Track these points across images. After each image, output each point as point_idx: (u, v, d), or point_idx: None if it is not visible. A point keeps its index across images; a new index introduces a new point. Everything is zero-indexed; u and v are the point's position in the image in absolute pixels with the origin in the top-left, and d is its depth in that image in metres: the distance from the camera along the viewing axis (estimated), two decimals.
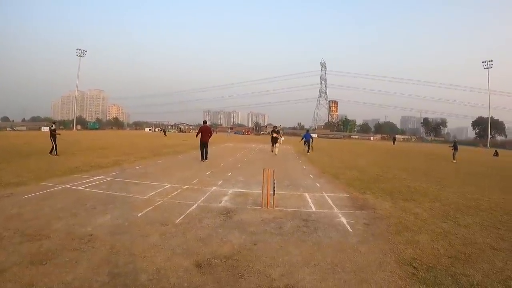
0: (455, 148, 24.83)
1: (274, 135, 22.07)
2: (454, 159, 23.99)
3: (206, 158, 16.52)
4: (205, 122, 19.51)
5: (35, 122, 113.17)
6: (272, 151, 22.24)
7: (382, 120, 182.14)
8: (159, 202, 7.37)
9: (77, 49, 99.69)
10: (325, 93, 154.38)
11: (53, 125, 18.92)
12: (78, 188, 8.74)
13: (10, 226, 5.43)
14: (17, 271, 3.83)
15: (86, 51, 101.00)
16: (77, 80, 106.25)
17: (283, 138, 22.42)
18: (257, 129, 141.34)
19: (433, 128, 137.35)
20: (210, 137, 17.37)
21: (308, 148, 25.01)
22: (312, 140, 26.00)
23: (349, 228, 5.96)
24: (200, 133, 17.04)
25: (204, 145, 16.76)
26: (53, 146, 17.27)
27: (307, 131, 29.77)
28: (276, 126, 24.65)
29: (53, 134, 17.59)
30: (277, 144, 21.67)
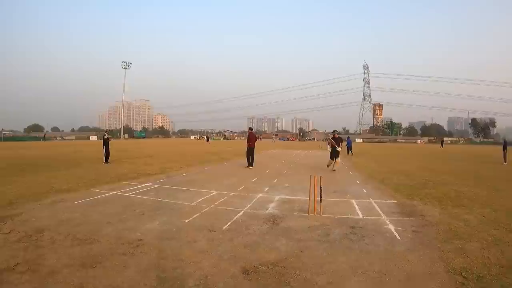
0: (505, 149, 23.35)
1: (338, 148, 15.96)
2: (505, 161, 22.48)
3: (252, 165, 16.56)
4: (251, 128, 19.61)
5: (84, 131, 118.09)
6: (328, 166, 16.47)
7: (428, 122, 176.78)
8: (206, 209, 7.45)
9: (122, 62, 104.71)
10: (369, 96, 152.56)
11: (106, 134, 19.73)
12: (127, 194, 9.03)
13: (62, 230, 5.69)
14: (67, 273, 3.99)
15: (131, 63, 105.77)
16: (123, 91, 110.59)
17: (339, 148, 16.17)
18: (302, 135, 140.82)
19: (481, 128, 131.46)
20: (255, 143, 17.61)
21: (348, 151, 27.43)
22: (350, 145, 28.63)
23: (397, 235, 5.76)
24: (248, 140, 17.41)
25: (250, 152, 16.96)
26: (105, 154, 18.04)
27: (348, 137, 32.03)
28: (337, 130, 17.91)
29: (106, 143, 18.39)
30: (338, 159, 16.03)
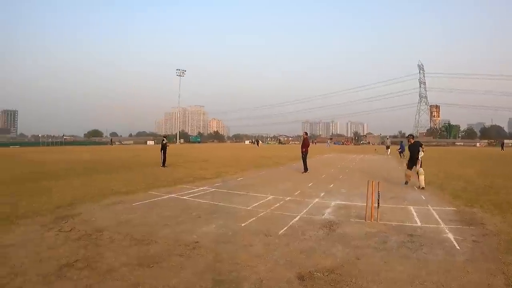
0: None
1: (418, 155, 12.18)
2: None
3: (306, 170, 16.28)
4: (306, 133, 19.59)
5: (141, 137, 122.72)
6: (407, 181, 12.65)
7: (487, 123, 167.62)
8: (262, 213, 7.44)
9: (177, 69, 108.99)
10: (425, 97, 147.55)
11: (164, 139, 20.36)
12: (184, 198, 9.23)
13: (120, 230, 5.91)
14: (125, 272, 4.12)
15: (185, 71, 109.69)
16: (178, 98, 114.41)
17: (422, 154, 12.46)
18: (357, 138, 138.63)
19: None
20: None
21: (400, 155, 28.49)
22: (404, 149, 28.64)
23: (456, 245, 5.46)
24: (302, 146, 17.25)
25: (305, 156, 16.91)
26: (162, 158, 18.61)
27: (401, 142, 32.30)
28: (412, 135, 14.14)
29: (164, 147, 19.00)
30: (419, 168, 12.04)
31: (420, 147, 12.31)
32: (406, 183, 12.56)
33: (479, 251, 5.18)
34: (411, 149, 12.65)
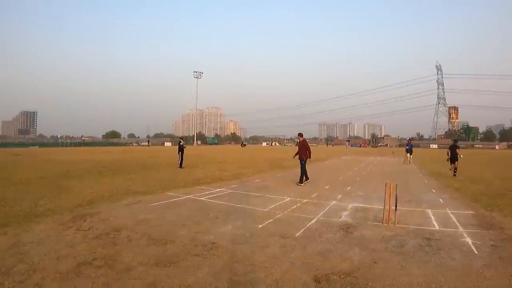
0: None
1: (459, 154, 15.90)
2: None
3: (301, 181, 12.92)
4: (301, 134, 14.52)
5: (158, 138, 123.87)
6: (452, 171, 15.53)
7: (507, 125, 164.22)
8: (279, 215, 7.44)
9: (194, 72, 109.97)
10: (444, 98, 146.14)
11: (181, 140, 20.62)
12: (201, 199, 9.29)
13: (138, 230, 5.98)
14: (142, 271, 4.17)
15: (202, 73, 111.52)
16: (195, 100, 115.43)
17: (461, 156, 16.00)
18: (374, 141, 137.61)
19: None
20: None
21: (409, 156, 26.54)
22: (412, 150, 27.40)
23: (474, 249, 5.37)
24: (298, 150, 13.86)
25: (302, 165, 13.43)
26: (180, 159, 18.80)
27: (409, 140, 31.32)
28: (457, 140, 17.52)
29: (181, 149, 19.23)
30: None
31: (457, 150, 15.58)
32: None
33: (497, 256, 5.10)
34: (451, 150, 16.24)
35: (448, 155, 16.65)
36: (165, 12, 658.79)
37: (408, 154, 26.17)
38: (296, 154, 13.68)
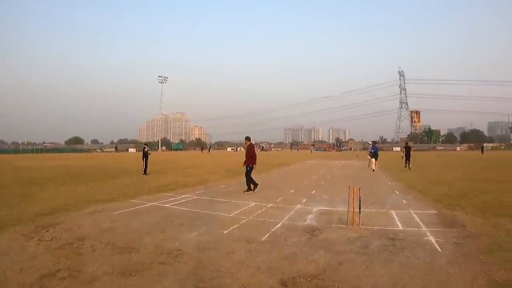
0: None
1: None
2: None
3: (250, 188, 12.22)
4: (248, 138, 13.61)
5: (122, 144, 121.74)
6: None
7: (467, 128, 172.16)
8: (245, 220, 7.46)
9: (159, 76, 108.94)
10: (406, 103, 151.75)
11: (146, 146, 20.34)
12: (166, 205, 9.20)
13: (102, 239, 5.86)
14: (107, 281, 4.08)
15: (167, 78, 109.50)
16: (160, 105, 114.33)
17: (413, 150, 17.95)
18: (338, 145, 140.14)
19: None
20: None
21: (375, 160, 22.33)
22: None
23: (437, 247, 5.57)
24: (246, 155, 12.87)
25: (249, 173, 12.55)
26: (144, 165, 18.56)
27: (374, 143, 25.31)
28: (407, 143, 16.61)
29: (145, 155, 18.96)
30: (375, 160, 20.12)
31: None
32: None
33: (460, 252, 5.29)
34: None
35: (403, 154, 19.44)
36: (128, 14, 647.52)
37: (373, 160, 21.98)
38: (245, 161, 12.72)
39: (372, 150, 22.80)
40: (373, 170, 21.20)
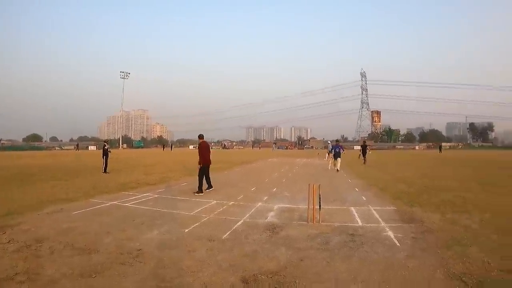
0: None
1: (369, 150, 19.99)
2: None
3: (201, 190, 11.21)
4: (201, 136, 12.43)
5: (83, 141, 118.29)
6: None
7: (426, 128, 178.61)
8: (206, 218, 7.47)
9: (120, 72, 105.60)
10: (367, 103, 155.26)
11: (106, 144, 19.84)
12: (126, 204, 9.06)
13: (62, 240, 5.72)
14: (66, 283, 4.01)
15: (129, 73, 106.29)
16: (121, 101, 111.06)
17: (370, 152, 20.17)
18: (300, 143, 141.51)
19: (480, 133, 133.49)
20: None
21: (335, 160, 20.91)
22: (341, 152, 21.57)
23: (396, 242, 5.77)
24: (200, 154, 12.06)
25: (204, 172, 11.82)
26: (104, 164, 18.19)
27: (337, 142, 22.98)
28: (365, 141, 17.04)
29: (106, 153, 18.55)
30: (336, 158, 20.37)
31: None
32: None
33: (418, 247, 5.50)
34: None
35: (360, 152, 23.03)
36: (90, 8, 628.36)
37: (338, 160, 20.50)
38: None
39: (337, 150, 20.91)
40: (337, 170, 19.72)
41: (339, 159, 20.53)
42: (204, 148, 12.04)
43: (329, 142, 28.71)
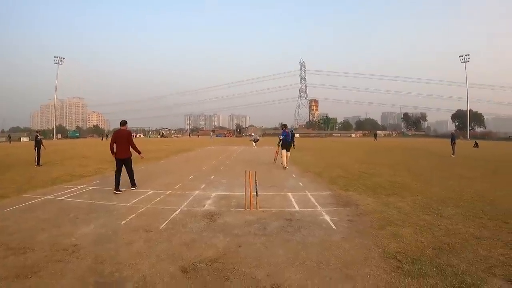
0: (453, 141, 23.43)
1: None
2: (453, 154, 22.80)
3: (117, 188, 9.51)
4: (123, 123, 10.24)
5: (14, 132, 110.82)
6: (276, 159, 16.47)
7: (363, 117, 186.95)
8: (143, 209, 7.39)
9: (54, 57, 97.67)
10: (305, 92, 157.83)
11: (38, 134, 18.70)
12: (60, 198, 8.68)
13: None
14: (2, 286, 3.84)
15: (63, 59, 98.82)
16: (55, 89, 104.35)
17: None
18: (239, 131, 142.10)
19: (413, 122, 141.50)
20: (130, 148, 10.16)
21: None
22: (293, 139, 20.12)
23: (332, 225, 6.05)
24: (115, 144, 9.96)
25: (121, 165, 9.98)
26: (36, 156, 17.14)
27: (284, 126, 16.77)
28: (285, 125, 16.06)
29: (38, 144, 17.44)
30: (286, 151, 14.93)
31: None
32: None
33: (354, 229, 5.81)
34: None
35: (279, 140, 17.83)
36: None
37: (284, 152, 14.99)
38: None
39: (286, 138, 15.52)
40: (285, 167, 14.66)
41: (286, 152, 15.19)
42: (118, 137, 9.86)
43: (252, 134, 27.36)
